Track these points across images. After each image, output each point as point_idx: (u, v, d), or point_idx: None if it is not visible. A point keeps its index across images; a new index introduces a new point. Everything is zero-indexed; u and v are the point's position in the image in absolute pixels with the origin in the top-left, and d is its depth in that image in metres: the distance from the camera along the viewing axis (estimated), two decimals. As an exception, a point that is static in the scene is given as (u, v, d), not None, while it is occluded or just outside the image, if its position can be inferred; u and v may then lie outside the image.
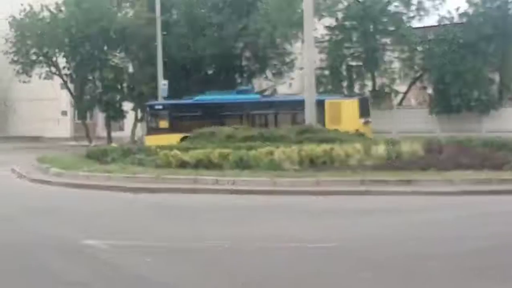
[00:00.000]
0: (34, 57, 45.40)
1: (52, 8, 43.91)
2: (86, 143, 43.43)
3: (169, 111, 36.65)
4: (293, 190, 17.66)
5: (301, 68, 37.18)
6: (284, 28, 38.59)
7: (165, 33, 41.61)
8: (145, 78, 42.28)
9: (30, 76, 46.24)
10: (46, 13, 44.06)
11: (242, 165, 20.60)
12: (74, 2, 42.59)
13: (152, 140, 33.28)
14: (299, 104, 31.30)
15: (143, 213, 15.19)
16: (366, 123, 30.93)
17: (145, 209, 15.71)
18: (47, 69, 45.88)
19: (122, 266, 9.63)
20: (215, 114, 34.70)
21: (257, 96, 35.69)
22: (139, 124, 43.56)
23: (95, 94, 43.97)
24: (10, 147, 43.04)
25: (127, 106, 44.84)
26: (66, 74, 45.71)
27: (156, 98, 38.86)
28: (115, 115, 44.64)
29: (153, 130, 36.12)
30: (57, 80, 47.37)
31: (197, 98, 36.52)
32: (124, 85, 44.39)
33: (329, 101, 32.66)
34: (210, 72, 43.88)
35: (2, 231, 12.66)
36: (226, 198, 16.97)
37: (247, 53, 43.84)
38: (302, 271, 9.19)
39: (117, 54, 45.41)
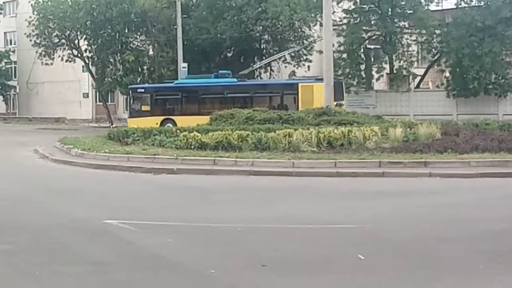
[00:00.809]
0: (56, 40, 45.87)
1: (74, -10, 44.25)
2: (107, 124, 43.90)
3: (151, 94, 37.50)
4: (311, 171, 17.81)
5: (320, 51, 37.30)
6: (303, 11, 38.71)
7: (185, 16, 41.84)
8: (165, 61, 42.59)
9: (53, 59, 46.74)
10: (68, -4, 44.39)
11: (260, 147, 20.83)
12: (96, -15, 42.86)
13: (134, 123, 34.02)
14: (274, 88, 34.25)
15: (163, 194, 15.35)
16: (337, 105, 31.05)
17: (165, 190, 15.87)
18: (69, 51, 46.38)
19: (143, 246, 9.75)
20: (194, 97, 36.13)
21: (234, 80, 36.06)
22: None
23: (116, 77, 44.29)
24: (32, 129, 43.65)
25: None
26: (87, 57, 46.13)
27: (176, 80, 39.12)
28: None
29: (135, 113, 37.16)
30: (79, 63, 47.82)
31: (176, 81, 37.68)
32: (145, 67, 44.66)
33: (302, 84, 33.47)
34: (229, 55, 44.05)
35: (26, 212, 12.84)
36: (245, 180, 17.18)
37: (266, 36, 43.90)
38: (320, 252, 9.28)
39: (138, 37, 45.69)
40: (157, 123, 34.01)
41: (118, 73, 44.54)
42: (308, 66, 43.65)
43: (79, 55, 46.52)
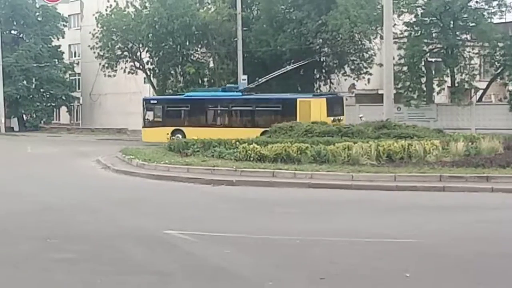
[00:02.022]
0: (119, 52, 46.63)
1: (137, 4, 45.01)
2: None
3: (162, 105, 38.93)
4: (370, 185, 17.70)
5: (380, 64, 37.12)
6: (363, 24, 38.56)
7: (245, 29, 42.15)
8: (226, 73, 42.91)
9: (115, 71, 47.54)
10: (131, 9, 45.13)
11: (319, 159, 20.77)
12: (158, -1, 43.50)
13: (148, 133, 37.57)
14: (274, 102, 35.35)
15: (222, 205, 15.46)
16: (334, 121, 31.66)
17: (224, 201, 15.98)
18: (131, 63, 47.07)
19: (202, 256, 9.86)
20: (202, 109, 37.52)
21: (239, 93, 37.06)
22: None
23: (177, 89, 44.74)
24: (95, 139, 44.45)
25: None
26: (149, 69, 46.79)
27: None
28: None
29: (148, 123, 38.63)
30: (141, 75, 48.48)
31: (187, 94, 39.39)
32: (205, 80, 45.04)
33: (300, 99, 34.35)
34: (289, 67, 44.12)
35: (88, 221, 13.10)
36: (304, 192, 17.17)
37: (326, 49, 43.84)
38: (379, 266, 9.25)
39: (199, 49, 46.14)
40: (168, 134, 35.72)
41: (179, 85, 45.00)
42: (368, 79, 43.45)
43: (141, 67, 47.20)
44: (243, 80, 39.30)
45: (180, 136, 35.16)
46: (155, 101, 40.26)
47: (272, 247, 10.56)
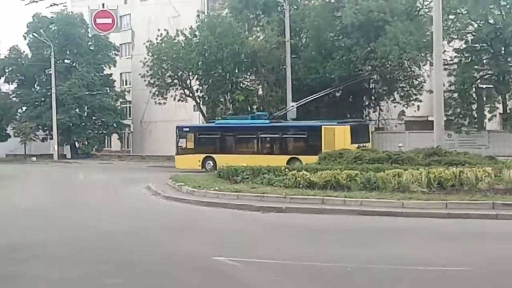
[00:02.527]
0: (169, 80, 47.17)
1: (186, 33, 45.53)
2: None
3: (194, 133, 40.40)
4: (421, 212, 17.46)
5: (430, 91, 36.86)
6: (413, 51, 38.41)
7: (294, 56, 42.35)
8: (275, 100, 43.06)
9: (165, 98, 48.03)
10: (181, 38, 45.68)
11: (369, 186, 20.60)
12: (208, 27, 43.96)
13: (180, 160, 39.20)
14: (300, 130, 36.52)
15: (271, 232, 15.45)
16: (359, 147, 31.95)
17: (273, 228, 15.97)
18: (181, 91, 47.53)
19: (251, 283, 9.91)
20: (231, 137, 38.67)
21: (267, 121, 38.00)
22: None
23: (226, 116, 45.04)
24: (145, 166, 44.90)
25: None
26: (199, 96, 47.20)
27: (285, 120, 39.53)
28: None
29: (181, 150, 40.10)
30: (190, 102, 48.91)
31: (217, 122, 40.91)
32: (254, 107, 45.23)
33: (324, 126, 34.97)
34: (338, 94, 44.11)
35: (138, 247, 13.26)
36: (354, 219, 17.05)
37: (375, 76, 43.73)
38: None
39: (248, 77, 46.45)
40: (199, 160, 38.03)
41: (228, 112, 45.27)
42: (418, 106, 43.13)
43: (190, 94, 47.64)
44: (291, 107, 39.43)
45: (211, 163, 37.06)
46: (188, 129, 41.40)
47: (321, 275, 10.51)
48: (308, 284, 9.88)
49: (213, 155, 37.87)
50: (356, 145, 32.63)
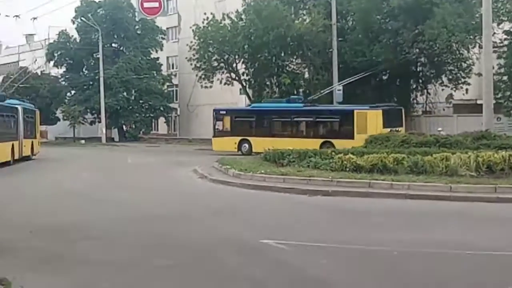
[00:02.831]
0: (215, 64, 47.33)
1: (233, 16, 45.60)
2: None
3: (231, 116, 41.31)
4: (469, 196, 17.25)
5: (479, 74, 36.35)
6: (461, 33, 37.84)
7: (340, 39, 42.09)
8: (321, 84, 42.87)
9: (212, 82, 48.24)
10: (227, 21, 45.77)
11: (416, 170, 20.44)
12: (254, 11, 43.95)
13: (217, 142, 40.59)
14: (333, 113, 37.30)
15: (317, 215, 15.46)
16: (392, 131, 32.58)
17: (319, 211, 15.94)
18: (227, 75, 47.66)
19: (298, 266, 9.85)
20: (266, 120, 39.52)
21: (301, 105, 38.63)
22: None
23: (272, 99, 45.07)
24: (192, 149, 45.29)
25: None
26: (245, 80, 47.26)
27: (331, 103, 39.42)
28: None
29: (218, 133, 41.31)
30: (237, 86, 49.03)
31: (253, 105, 42.20)
32: (300, 90, 45.14)
33: (357, 110, 35.54)
34: (384, 77, 43.76)
35: (186, 230, 13.36)
36: (401, 203, 16.95)
37: (423, 59, 43.24)
38: (480, 279, 9.09)
39: (294, 60, 46.34)
40: (235, 143, 39.32)
41: (274, 95, 45.28)
42: (466, 89, 42.56)
43: (236, 78, 47.75)
44: (338, 90, 39.27)
45: (247, 146, 38.41)
46: (224, 112, 42.23)
47: (368, 259, 10.48)
48: (355, 268, 9.85)
49: (249, 138, 39.00)
50: (389, 129, 32.94)
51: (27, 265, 9.88)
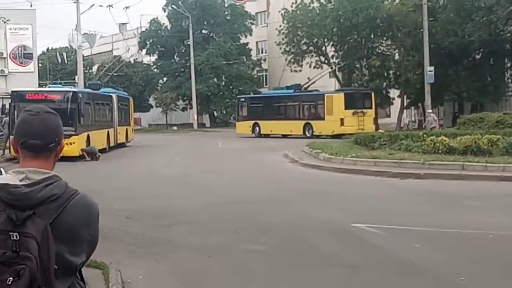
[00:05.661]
0: (304, 47, 47.39)
1: (321, -1, 45.41)
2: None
3: (247, 102, 47.73)
4: None
5: None
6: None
7: (431, 19, 41.26)
8: (411, 65, 42.26)
9: (301, 66, 48.25)
10: (316, 4, 45.65)
11: (512, 151, 20.03)
12: (342, -8, 43.63)
13: (239, 126, 47.32)
14: (312, 98, 42.36)
15: (409, 198, 15.27)
16: (355, 113, 38.74)
17: (411, 195, 15.76)
18: (317, 58, 47.57)
19: (391, 250, 9.77)
20: (269, 105, 45.03)
21: (291, 90, 44.26)
22: (405, 111, 43.64)
23: (362, 82, 44.75)
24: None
25: (394, 93, 45.15)
26: (334, 63, 47.05)
27: (422, 84, 38.81)
28: (382, 102, 45.18)
29: (239, 118, 47.97)
30: (326, 69, 48.84)
31: (263, 92, 49.09)
32: (391, 72, 44.65)
33: (327, 95, 41.12)
34: (477, 57, 42.71)
35: (277, 213, 13.42)
36: (495, 185, 16.61)
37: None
38: None
39: (384, 42, 45.83)
40: (250, 126, 45.02)
41: (364, 78, 44.96)
42: None
43: (326, 61, 47.60)
44: (429, 71, 38.57)
45: (257, 129, 43.79)
46: (243, 99, 48.60)
47: (463, 242, 10.31)
48: (450, 252, 9.69)
49: (259, 121, 44.64)
50: (352, 111, 38.71)
51: (126, 250, 10.14)
